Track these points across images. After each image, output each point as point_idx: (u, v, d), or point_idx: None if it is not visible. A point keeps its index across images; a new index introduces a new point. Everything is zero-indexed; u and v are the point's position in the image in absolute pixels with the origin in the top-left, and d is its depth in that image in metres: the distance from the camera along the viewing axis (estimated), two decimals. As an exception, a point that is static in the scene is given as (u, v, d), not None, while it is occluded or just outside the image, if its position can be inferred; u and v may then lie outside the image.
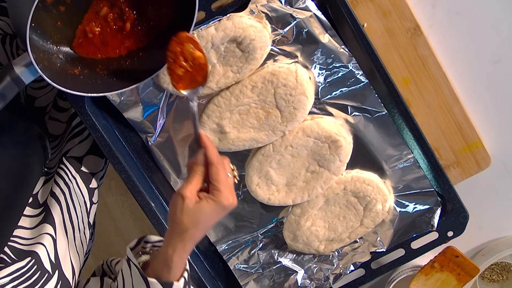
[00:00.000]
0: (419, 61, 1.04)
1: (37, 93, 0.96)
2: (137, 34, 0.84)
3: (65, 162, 0.92)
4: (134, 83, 0.81)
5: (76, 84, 0.78)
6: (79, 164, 0.94)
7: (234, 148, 0.97)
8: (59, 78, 0.76)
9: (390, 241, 1.05)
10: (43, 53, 0.78)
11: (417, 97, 1.05)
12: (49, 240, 0.80)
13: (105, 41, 0.83)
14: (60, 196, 0.87)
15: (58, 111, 0.98)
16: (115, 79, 0.82)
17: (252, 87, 0.93)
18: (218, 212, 0.77)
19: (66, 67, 0.80)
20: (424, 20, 1.03)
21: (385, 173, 1.01)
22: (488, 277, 1.21)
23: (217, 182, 0.76)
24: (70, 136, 0.96)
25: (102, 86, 0.81)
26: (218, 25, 0.88)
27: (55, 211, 0.84)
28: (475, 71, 1.07)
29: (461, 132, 1.07)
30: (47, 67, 0.76)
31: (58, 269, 0.79)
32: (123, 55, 0.85)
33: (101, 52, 0.84)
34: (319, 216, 1.03)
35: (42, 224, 0.82)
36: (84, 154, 0.96)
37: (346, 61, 0.94)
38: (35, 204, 0.85)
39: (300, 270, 1.09)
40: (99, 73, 0.82)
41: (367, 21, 1.02)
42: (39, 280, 0.75)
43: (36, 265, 0.76)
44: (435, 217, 1.04)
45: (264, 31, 0.90)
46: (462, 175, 1.09)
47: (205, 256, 1.09)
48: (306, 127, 0.95)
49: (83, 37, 0.82)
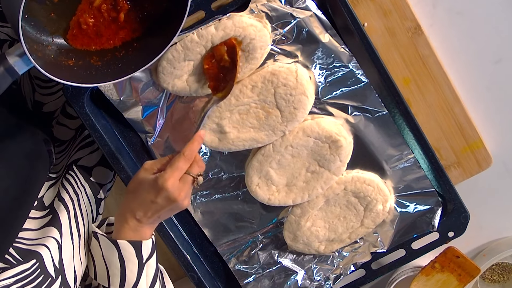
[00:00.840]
0: (419, 61, 1.03)
1: (45, 99, 0.97)
2: (131, 24, 0.84)
3: (75, 170, 0.93)
4: (129, 73, 0.81)
5: (70, 75, 0.79)
6: (88, 174, 0.95)
7: (234, 148, 0.97)
8: (53, 69, 0.76)
9: (390, 242, 1.05)
10: (37, 44, 0.78)
11: (417, 97, 1.05)
12: (54, 244, 0.80)
13: (99, 32, 0.83)
14: (69, 202, 0.88)
15: (66, 117, 0.99)
16: (110, 70, 0.82)
17: (252, 86, 0.93)
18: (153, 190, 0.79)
19: (60, 59, 0.81)
20: (425, 20, 1.03)
21: (385, 173, 1.01)
22: (489, 278, 1.21)
23: (170, 166, 0.79)
24: (81, 145, 0.98)
25: (97, 77, 0.81)
26: (218, 24, 0.88)
27: (63, 216, 0.85)
28: (476, 70, 1.07)
29: (462, 132, 1.07)
30: (41, 58, 0.76)
31: (62, 275, 0.79)
32: (117, 46, 0.85)
33: (96, 43, 0.84)
34: (319, 216, 1.03)
35: (48, 227, 0.83)
36: (94, 165, 0.97)
37: (346, 61, 0.94)
38: (40, 207, 0.85)
39: (300, 270, 1.09)
40: (94, 64, 0.82)
41: (368, 21, 1.02)
42: (42, 284, 0.75)
43: (40, 269, 0.76)
44: (435, 218, 1.03)
45: (264, 30, 0.90)
46: (463, 175, 1.09)
47: (204, 256, 1.09)
48: (306, 127, 0.95)
49: (77, 28, 0.82)
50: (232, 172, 1.02)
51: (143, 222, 0.82)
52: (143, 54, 0.82)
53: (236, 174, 1.02)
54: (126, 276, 0.82)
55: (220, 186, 1.03)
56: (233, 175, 1.02)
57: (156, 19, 0.84)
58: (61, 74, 0.76)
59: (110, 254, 0.83)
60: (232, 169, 1.01)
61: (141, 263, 0.82)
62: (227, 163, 1.01)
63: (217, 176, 1.02)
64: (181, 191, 0.80)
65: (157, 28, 0.83)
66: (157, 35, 0.82)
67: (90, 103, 0.95)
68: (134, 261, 0.82)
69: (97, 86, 0.88)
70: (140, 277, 0.83)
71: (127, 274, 0.82)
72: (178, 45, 0.89)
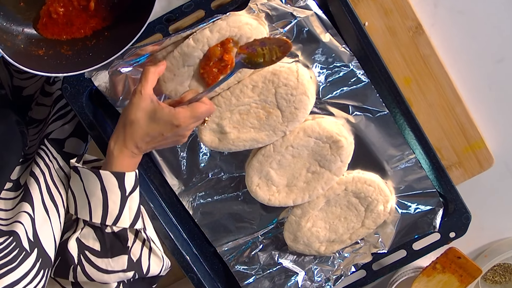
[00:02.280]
0: (420, 60, 1.03)
1: (25, 83, 0.96)
2: (101, 13, 0.84)
3: (46, 143, 0.92)
4: (100, 62, 0.81)
5: (40, 64, 0.78)
6: (61, 146, 0.94)
7: (234, 148, 0.97)
8: (22, 59, 0.76)
9: (391, 242, 1.05)
10: (6, 34, 0.78)
11: (418, 97, 1.05)
12: (27, 218, 0.80)
13: (70, 21, 0.83)
14: (40, 176, 0.87)
15: (44, 96, 0.98)
16: (80, 59, 0.82)
17: (252, 86, 0.93)
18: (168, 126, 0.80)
19: (31, 48, 0.80)
20: (426, 19, 1.03)
21: (386, 173, 1.01)
22: (491, 279, 1.21)
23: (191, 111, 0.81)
24: (53, 118, 0.96)
25: (67, 66, 0.81)
26: (212, 27, 0.88)
27: (34, 190, 0.85)
28: (477, 70, 1.06)
29: (463, 132, 1.06)
30: (10, 47, 0.76)
31: (38, 247, 0.79)
32: (88, 35, 0.85)
33: (66, 32, 0.84)
34: (320, 217, 1.03)
35: (20, 203, 0.82)
36: (67, 137, 0.96)
37: (347, 61, 0.93)
38: (15, 188, 0.85)
39: (301, 271, 1.09)
40: (64, 54, 0.82)
41: (368, 20, 1.01)
42: (16, 258, 0.75)
43: (14, 243, 0.76)
44: (437, 218, 1.03)
45: (260, 27, 0.89)
46: (464, 176, 1.09)
47: (204, 257, 1.09)
48: (307, 127, 0.95)
49: (47, 17, 0.82)
50: (232, 172, 1.01)
51: (141, 150, 0.83)
52: (114, 43, 0.82)
53: (236, 175, 1.01)
54: (108, 207, 0.82)
55: (220, 187, 1.02)
56: (233, 175, 1.02)
57: (126, 7, 0.84)
58: (31, 64, 0.76)
59: (92, 185, 0.82)
60: (232, 169, 1.01)
61: (124, 195, 0.82)
62: (227, 163, 1.01)
63: (217, 177, 1.02)
64: (191, 128, 0.83)
65: (127, 17, 0.83)
66: (127, 24, 0.82)
67: (88, 103, 0.94)
68: (116, 192, 0.82)
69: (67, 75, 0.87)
70: (123, 210, 0.82)
71: (109, 205, 0.82)
72: (176, 52, 0.89)
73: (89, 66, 0.80)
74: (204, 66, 0.90)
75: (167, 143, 0.84)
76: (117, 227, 0.83)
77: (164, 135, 0.81)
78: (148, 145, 0.83)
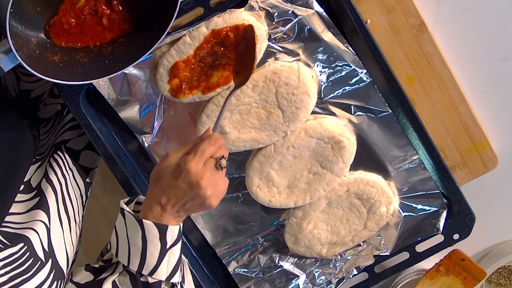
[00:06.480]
0: (424, 59, 1.03)
1: (32, 86, 0.97)
2: (116, 24, 0.83)
3: (64, 151, 0.93)
4: (116, 70, 0.80)
5: (56, 71, 0.78)
6: (76, 157, 0.95)
7: (235, 149, 0.96)
8: (38, 65, 0.75)
9: (394, 245, 1.04)
10: (22, 40, 0.77)
11: (422, 96, 1.04)
12: (42, 227, 0.80)
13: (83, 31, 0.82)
14: (57, 185, 0.87)
15: (52, 98, 0.99)
16: (96, 67, 0.81)
17: (253, 86, 0.92)
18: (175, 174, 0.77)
19: (46, 54, 0.80)
20: (429, 16, 1.02)
21: (389, 174, 1.00)
22: (495, 281, 1.20)
23: (194, 150, 0.78)
24: (70, 125, 0.97)
25: (83, 74, 0.80)
26: (208, 24, 0.88)
27: (51, 199, 0.85)
28: (481, 68, 1.06)
29: (467, 131, 1.06)
30: (26, 54, 0.76)
31: (52, 258, 0.79)
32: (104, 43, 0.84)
33: (80, 40, 0.83)
34: (321, 219, 1.02)
35: (35, 210, 0.82)
36: (82, 149, 0.96)
37: (349, 59, 0.93)
38: (27, 189, 0.85)
39: (302, 274, 1.08)
40: (80, 60, 0.82)
41: (371, 18, 1.01)
42: (31, 267, 0.75)
43: (28, 252, 0.76)
44: (440, 220, 1.03)
45: (257, 24, 0.89)
46: (468, 176, 1.08)
47: (203, 259, 1.08)
48: (308, 127, 0.94)
49: (59, 27, 0.81)
50: (232, 173, 1.01)
51: (167, 210, 0.80)
52: (131, 50, 0.82)
53: (236, 175, 1.01)
54: (146, 258, 0.80)
55: (220, 188, 1.02)
56: (233, 176, 1.01)
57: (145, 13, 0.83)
58: (47, 71, 0.75)
59: (133, 233, 0.81)
60: (232, 170, 1.01)
61: (164, 248, 0.80)
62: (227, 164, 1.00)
63: (216, 178, 1.01)
64: (204, 175, 0.77)
65: (146, 24, 0.82)
66: (146, 31, 0.81)
67: (86, 102, 0.94)
68: (156, 244, 0.80)
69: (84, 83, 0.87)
70: (161, 262, 0.81)
71: (147, 256, 0.80)
72: (172, 50, 0.89)
73: (105, 74, 0.80)
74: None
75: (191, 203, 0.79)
76: (152, 278, 0.81)
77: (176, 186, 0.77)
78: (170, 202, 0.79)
